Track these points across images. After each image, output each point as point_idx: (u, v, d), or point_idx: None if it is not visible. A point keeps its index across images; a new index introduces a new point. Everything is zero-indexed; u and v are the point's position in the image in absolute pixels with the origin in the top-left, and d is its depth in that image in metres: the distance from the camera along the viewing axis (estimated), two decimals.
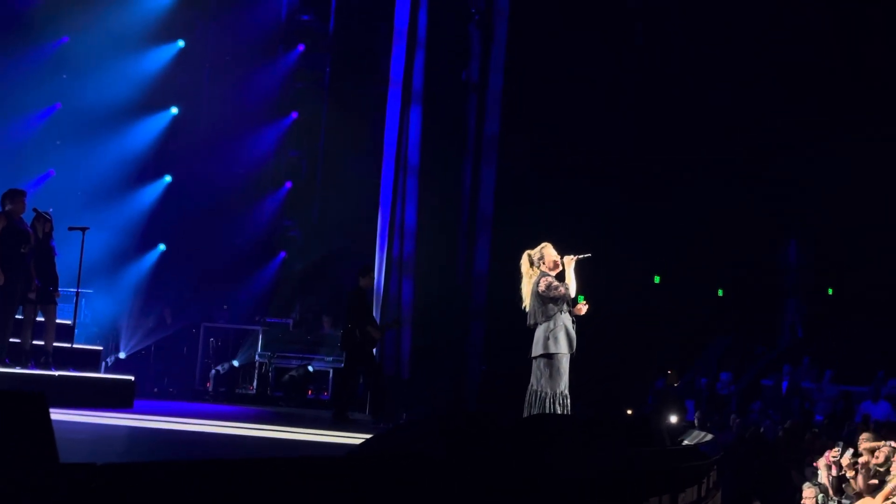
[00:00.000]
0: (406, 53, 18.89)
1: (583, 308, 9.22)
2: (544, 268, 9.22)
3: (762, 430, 16.03)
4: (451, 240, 20.19)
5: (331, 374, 17.67)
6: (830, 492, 10.61)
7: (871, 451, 10.54)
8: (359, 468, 3.60)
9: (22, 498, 2.39)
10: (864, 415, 16.84)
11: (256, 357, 17.86)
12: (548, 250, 9.27)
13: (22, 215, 12.13)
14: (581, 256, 9.25)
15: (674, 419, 14.32)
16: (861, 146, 21.44)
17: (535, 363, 9.21)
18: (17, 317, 12.35)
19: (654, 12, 22.74)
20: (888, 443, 10.44)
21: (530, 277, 9.26)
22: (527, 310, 9.25)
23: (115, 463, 2.55)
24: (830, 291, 24.68)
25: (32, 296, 12.30)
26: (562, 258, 9.25)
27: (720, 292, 24.77)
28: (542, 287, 9.11)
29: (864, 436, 11.23)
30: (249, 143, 19.85)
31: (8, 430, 2.65)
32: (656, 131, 22.28)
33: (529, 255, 9.31)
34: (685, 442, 9.05)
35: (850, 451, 10.95)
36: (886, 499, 9.81)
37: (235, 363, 17.95)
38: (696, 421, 15.94)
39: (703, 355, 23.71)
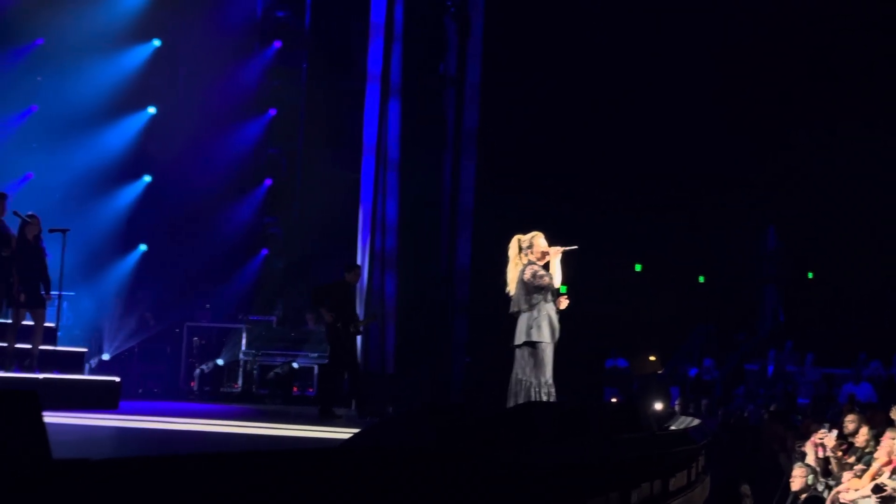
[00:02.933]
0: (383, 48, 18.89)
1: (563, 302, 9.23)
2: (532, 256, 9.22)
3: (746, 414, 16.13)
4: (433, 234, 20.20)
5: (315, 371, 17.66)
6: (819, 473, 10.68)
7: (855, 434, 10.62)
8: (351, 460, 3.61)
9: (16, 495, 2.38)
10: (849, 394, 16.94)
11: (241, 355, 17.83)
12: (538, 240, 9.28)
13: (3, 218, 12.06)
14: (568, 248, 9.27)
15: (659, 406, 14.38)
16: (837, 132, 21.57)
17: (518, 352, 9.21)
18: (1, 321, 12.28)
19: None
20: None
21: (516, 264, 9.26)
22: (511, 295, 9.26)
23: (109, 458, 2.55)
24: (810, 275, 24.83)
25: (23, 298, 12.21)
26: (550, 248, 9.28)
27: (701, 279, 24.89)
28: (527, 275, 9.12)
29: (850, 417, 11.31)
30: (228, 140, 19.77)
31: (1, 428, 2.65)
32: (635, 120, 22.33)
33: (519, 241, 9.30)
34: (672, 428, 9.07)
35: (835, 432, 11.03)
36: (872, 479, 9.87)
37: (220, 362, 17.92)
38: (677, 407, 16.00)
39: (685, 342, 23.81)
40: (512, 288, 9.26)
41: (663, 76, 22.56)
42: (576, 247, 9.31)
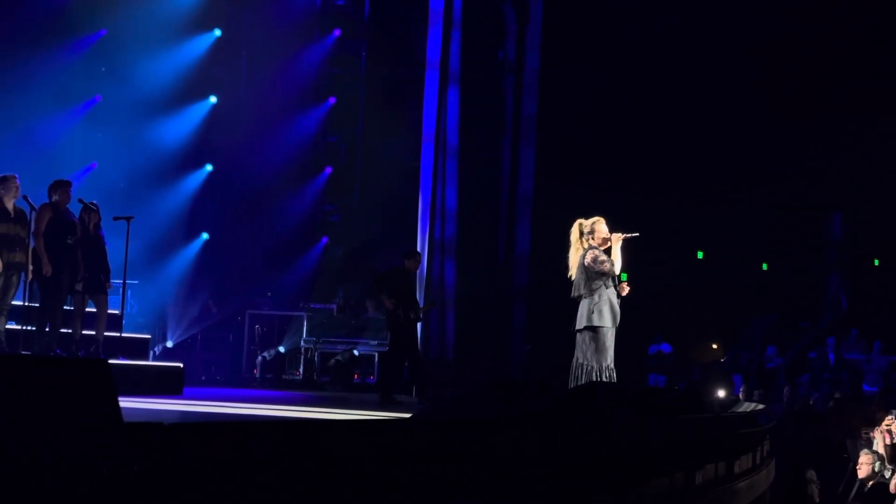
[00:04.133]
0: (442, 35, 18.90)
1: (625, 288, 9.20)
2: (593, 241, 9.19)
3: (811, 402, 15.94)
4: (493, 221, 20.18)
5: (376, 358, 17.71)
6: (886, 460, 10.52)
7: None
8: (416, 430, 3.61)
9: (91, 458, 2.41)
10: None
11: (302, 343, 17.94)
12: (599, 225, 9.24)
13: (67, 206, 12.22)
14: (629, 235, 9.21)
15: (722, 393, 14.25)
16: None
17: (579, 336, 9.20)
18: (66, 308, 12.45)
19: None
20: None
21: (577, 248, 9.23)
22: (572, 279, 9.23)
23: (181, 422, 2.57)
24: (877, 262, 24.44)
25: (79, 286, 12.38)
26: (611, 234, 9.23)
27: (764, 266, 24.62)
28: (588, 260, 9.10)
29: None
30: (288, 129, 19.90)
31: (74, 394, 2.68)
32: (698, 105, 22.08)
33: (581, 225, 9.27)
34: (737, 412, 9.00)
35: None
36: None
37: (281, 349, 18.04)
38: (741, 395, 15.85)
39: (747, 330, 23.57)
40: (573, 272, 9.23)
41: (729, 59, 22.26)
42: (637, 234, 9.25)
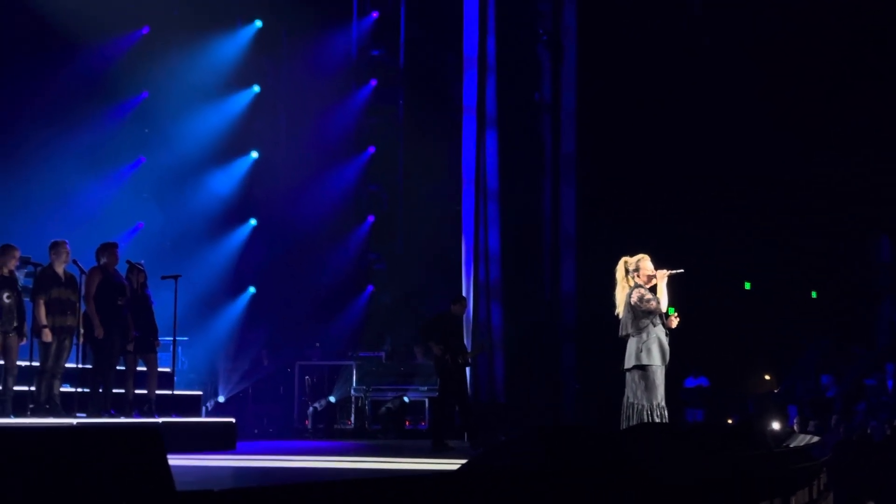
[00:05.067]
0: (478, 79, 19.03)
1: (674, 321, 9.18)
2: (638, 279, 9.19)
3: (869, 430, 15.72)
4: (537, 262, 20.17)
5: (427, 404, 17.71)
6: None
7: None
8: (463, 484, 3.62)
9: None
10: None
11: (352, 392, 17.98)
12: (644, 262, 9.24)
13: (116, 267, 12.39)
14: (674, 272, 9.21)
15: (776, 425, 14.09)
16: None
17: (628, 375, 9.18)
18: (119, 368, 12.59)
19: (722, 20, 22.47)
20: None
21: (624, 287, 9.23)
22: (619, 317, 9.23)
23: (232, 488, 2.61)
24: None
25: (131, 347, 12.53)
26: (656, 272, 9.23)
27: (814, 294, 24.35)
28: (634, 299, 9.09)
29: None
30: (329, 180, 20.07)
31: (127, 463, 2.73)
32: (736, 136, 21.99)
33: (626, 263, 9.28)
34: (791, 446, 8.90)
35: None
36: None
37: (332, 399, 18.09)
38: (795, 426, 15.67)
39: (800, 359, 23.29)
40: (620, 310, 9.23)
41: (763, 87, 22.18)
42: (682, 270, 9.23)
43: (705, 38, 22.33)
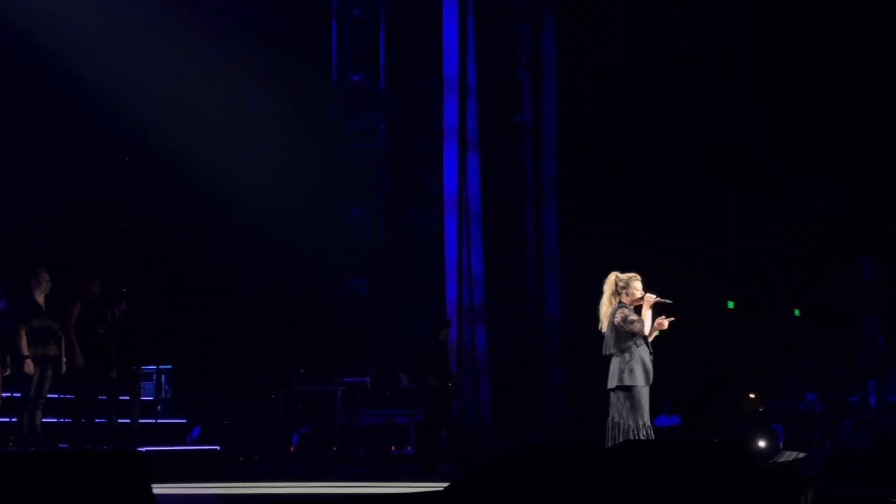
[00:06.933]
0: (458, 103, 19.06)
1: (664, 323, 9.10)
2: (626, 298, 9.14)
3: (855, 447, 15.75)
4: (521, 284, 20.19)
5: (412, 429, 17.65)
6: None
7: None
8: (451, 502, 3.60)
9: None
10: None
11: (337, 417, 17.90)
12: (634, 282, 9.18)
13: (97, 295, 12.33)
14: (662, 301, 9.14)
15: (762, 443, 14.12)
16: None
17: (613, 395, 9.16)
18: (101, 397, 12.51)
19: (704, 44, 22.56)
20: None
21: (610, 302, 9.18)
22: (603, 332, 9.17)
23: None
24: None
25: (113, 374, 12.46)
26: (644, 295, 9.18)
27: (796, 312, 24.41)
28: (618, 319, 9.06)
29: None
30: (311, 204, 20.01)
31: (111, 489, 2.70)
32: (717, 158, 22.08)
33: (617, 279, 9.19)
34: (778, 462, 8.90)
35: None
36: None
37: (315, 425, 18.00)
38: (781, 444, 15.69)
39: (785, 377, 23.34)
40: (604, 325, 9.19)
41: (743, 108, 22.29)
42: (670, 301, 9.15)
43: (686, 60, 22.45)
